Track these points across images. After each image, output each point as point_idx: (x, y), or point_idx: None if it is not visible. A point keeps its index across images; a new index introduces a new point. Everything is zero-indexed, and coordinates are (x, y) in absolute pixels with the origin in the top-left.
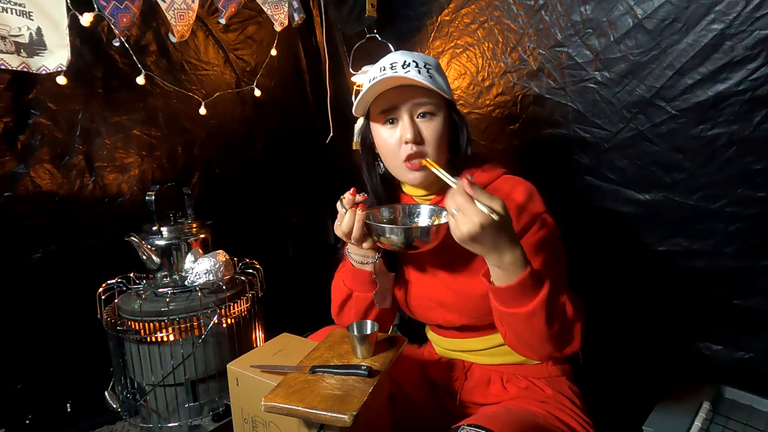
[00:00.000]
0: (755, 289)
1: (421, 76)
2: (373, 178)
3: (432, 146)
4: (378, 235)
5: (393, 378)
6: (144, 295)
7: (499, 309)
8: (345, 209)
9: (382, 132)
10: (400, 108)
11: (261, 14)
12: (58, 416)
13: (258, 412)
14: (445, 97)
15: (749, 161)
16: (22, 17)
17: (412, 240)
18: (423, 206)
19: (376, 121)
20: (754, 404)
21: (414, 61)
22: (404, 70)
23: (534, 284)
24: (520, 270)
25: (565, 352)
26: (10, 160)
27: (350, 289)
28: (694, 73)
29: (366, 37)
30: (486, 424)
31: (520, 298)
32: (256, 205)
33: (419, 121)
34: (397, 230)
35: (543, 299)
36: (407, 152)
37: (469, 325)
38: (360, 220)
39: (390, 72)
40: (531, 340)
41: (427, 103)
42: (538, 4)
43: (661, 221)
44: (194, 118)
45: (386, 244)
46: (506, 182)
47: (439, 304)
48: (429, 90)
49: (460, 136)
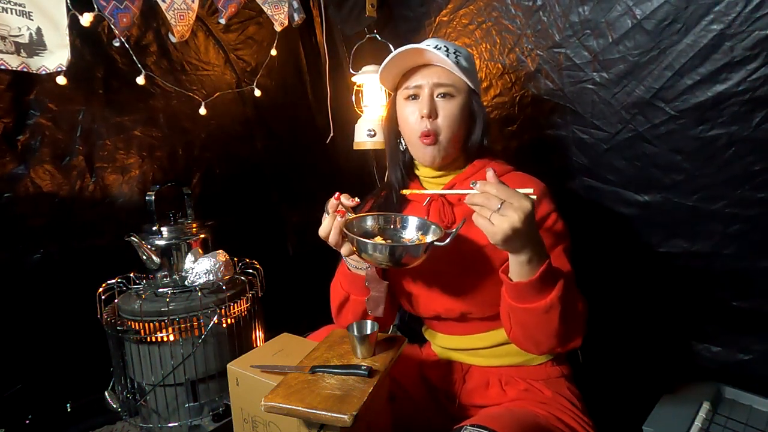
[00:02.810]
0: (755, 291)
1: (449, 59)
2: (396, 156)
3: (445, 126)
4: (359, 250)
5: (393, 378)
6: (144, 295)
7: (513, 305)
8: (328, 213)
9: (404, 107)
10: (423, 85)
11: (261, 14)
12: (58, 416)
13: (258, 412)
14: (469, 84)
15: (749, 162)
16: (22, 17)
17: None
18: (411, 218)
19: (402, 95)
20: (754, 404)
21: (446, 46)
22: (435, 50)
23: (553, 277)
24: (539, 264)
25: (568, 347)
26: (10, 161)
27: (347, 292)
28: (694, 73)
29: (366, 37)
30: (488, 424)
31: (539, 291)
32: (256, 205)
33: (438, 100)
34: (378, 247)
35: (560, 292)
36: (422, 128)
37: (468, 314)
38: (337, 226)
39: (422, 46)
40: (539, 335)
41: (448, 84)
42: (536, 5)
43: (660, 222)
44: (194, 118)
45: (368, 260)
46: (516, 178)
47: (439, 291)
48: (452, 73)
49: (477, 124)
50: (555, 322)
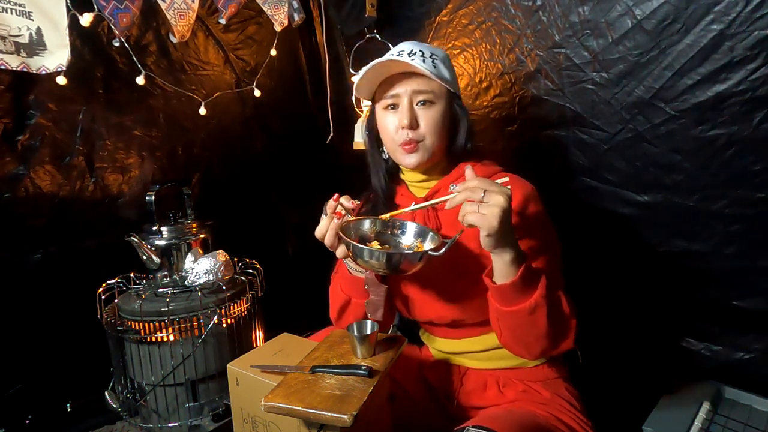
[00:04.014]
0: (755, 290)
1: (425, 65)
2: (378, 163)
3: (429, 134)
4: (355, 256)
5: (393, 378)
6: (144, 295)
7: (500, 309)
8: (326, 214)
9: (384, 117)
10: (401, 94)
11: (261, 14)
12: (58, 416)
13: (258, 412)
14: (448, 88)
15: (749, 162)
16: (22, 17)
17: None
18: (410, 224)
19: (381, 106)
20: (754, 404)
21: (421, 50)
22: (410, 58)
23: (533, 277)
24: (519, 264)
25: (559, 349)
26: (10, 161)
27: (348, 295)
28: (694, 73)
29: (366, 37)
30: (489, 425)
31: (522, 293)
32: (256, 205)
33: (418, 108)
34: (375, 254)
35: (543, 292)
36: (403, 138)
37: (459, 320)
38: (333, 228)
39: (396, 57)
40: (528, 338)
41: (427, 91)
42: (535, 5)
43: (660, 222)
44: (194, 118)
45: (364, 266)
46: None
47: (431, 298)
48: (431, 79)
49: (460, 128)
50: (542, 322)
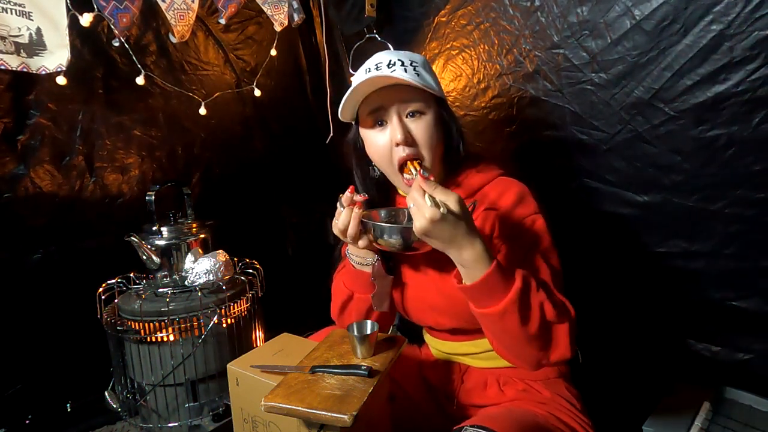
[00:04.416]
0: (755, 291)
1: (408, 74)
2: (367, 182)
3: (424, 146)
4: (376, 236)
5: (393, 378)
6: (144, 295)
7: (474, 310)
8: (343, 207)
9: (372, 135)
10: (388, 109)
11: (261, 14)
12: (58, 416)
13: (258, 412)
14: (435, 94)
15: (748, 162)
16: (22, 17)
17: (410, 241)
18: None
19: (366, 124)
20: (754, 404)
21: (399, 60)
22: (390, 70)
23: (503, 281)
24: (484, 267)
25: (553, 359)
26: (10, 161)
27: (351, 290)
28: (693, 74)
29: (366, 37)
30: (488, 424)
31: (490, 296)
32: (256, 205)
33: (408, 121)
34: (395, 230)
35: (514, 297)
36: (400, 155)
37: (459, 328)
38: (356, 218)
39: (375, 72)
40: (510, 343)
41: (415, 101)
42: (534, 5)
43: (660, 223)
44: (194, 118)
45: (384, 245)
46: (497, 186)
47: (430, 307)
48: (417, 88)
49: (452, 133)
50: (515, 328)
